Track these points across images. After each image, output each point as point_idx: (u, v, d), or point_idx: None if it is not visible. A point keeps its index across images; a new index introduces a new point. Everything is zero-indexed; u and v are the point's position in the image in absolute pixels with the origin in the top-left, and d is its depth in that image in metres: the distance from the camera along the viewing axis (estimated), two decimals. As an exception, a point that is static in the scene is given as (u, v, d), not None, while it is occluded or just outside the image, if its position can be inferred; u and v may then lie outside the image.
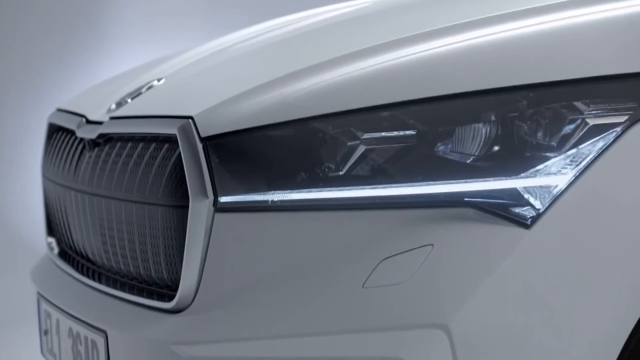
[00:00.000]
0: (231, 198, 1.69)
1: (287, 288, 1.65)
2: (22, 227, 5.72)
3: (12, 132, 5.98)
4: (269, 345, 1.63)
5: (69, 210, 2.14)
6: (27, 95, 5.88)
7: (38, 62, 5.94)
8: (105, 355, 1.86)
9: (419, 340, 1.56)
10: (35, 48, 5.93)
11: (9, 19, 5.93)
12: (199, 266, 1.71)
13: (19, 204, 5.84)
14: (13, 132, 5.98)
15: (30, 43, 5.92)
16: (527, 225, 1.58)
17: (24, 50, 5.93)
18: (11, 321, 4.67)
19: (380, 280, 1.60)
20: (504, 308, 1.57)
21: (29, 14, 5.94)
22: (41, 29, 5.95)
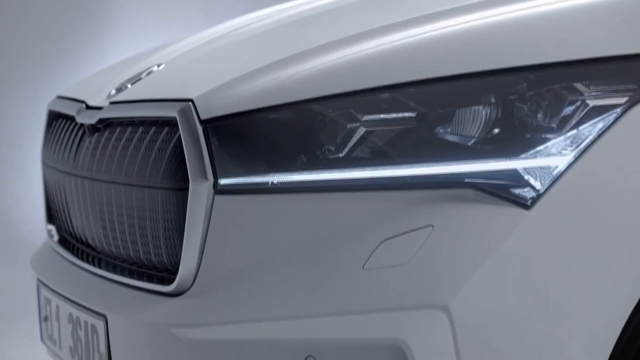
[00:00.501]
0: (231, 180, 1.69)
1: (287, 270, 1.65)
2: (22, 225, 5.73)
3: (11, 128, 5.98)
4: (268, 327, 1.62)
5: (69, 196, 2.14)
6: (27, 91, 5.88)
7: (38, 57, 5.94)
8: (105, 339, 1.86)
9: (420, 321, 1.56)
10: (35, 41, 5.93)
11: (8, 18, 5.93)
12: (198, 249, 1.71)
13: (19, 201, 5.85)
14: (12, 128, 5.98)
15: (30, 36, 5.91)
16: (527, 206, 1.58)
17: (23, 45, 5.94)
18: (11, 314, 4.68)
19: (381, 262, 1.60)
20: (504, 289, 1.57)
21: (29, 11, 5.94)
22: (41, 21, 5.95)
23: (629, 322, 1.63)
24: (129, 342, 1.81)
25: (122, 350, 1.82)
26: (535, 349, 1.58)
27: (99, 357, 1.89)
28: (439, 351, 1.56)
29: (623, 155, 1.62)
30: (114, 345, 1.84)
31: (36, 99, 5.76)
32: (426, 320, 1.56)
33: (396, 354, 1.56)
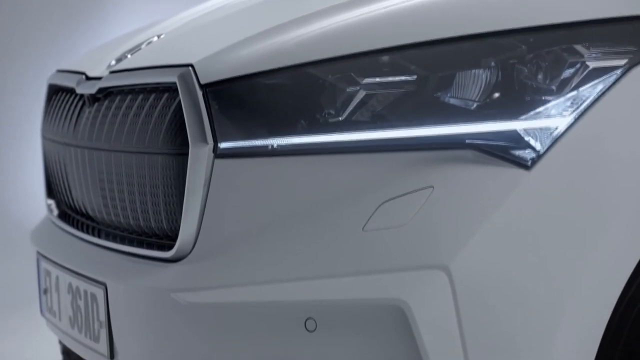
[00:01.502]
0: (231, 144, 1.69)
1: (286, 233, 1.65)
2: (23, 218, 5.72)
3: (11, 122, 5.98)
4: (269, 290, 1.62)
5: (69, 168, 2.14)
6: (27, 84, 5.88)
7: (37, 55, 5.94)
8: (105, 307, 1.85)
9: (420, 281, 1.56)
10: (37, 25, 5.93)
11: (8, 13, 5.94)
12: (198, 213, 1.71)
13: (19, 193, 5.84)
14: (12, 122, 5.98)
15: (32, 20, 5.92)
16: (527, 167, 1.58)
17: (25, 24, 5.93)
18: (10, 305, 4.69)
19: (381, 223, 1.60)
20: (504, 250, 1.57)
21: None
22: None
23: (629, 284, 1.64)
24: (129, 309, 1.81)
25: (122, 318, 1.82)
26: (535, 312, 1.58)
27: (99, 325, 1.89)
28: (439, 311, 1.56)
29: (623, 116, 1.62)
30: (114, 313, 1.83)
31: (37, 86, 5.77)
32: (426, 281, 1.56)
33: (396, 314, 1.56)
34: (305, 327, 1.61)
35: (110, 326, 1.85)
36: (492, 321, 1.57)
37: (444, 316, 1.56)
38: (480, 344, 1.56)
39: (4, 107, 6.03)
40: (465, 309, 1.56)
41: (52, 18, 5.98)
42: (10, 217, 5.81)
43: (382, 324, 1.58)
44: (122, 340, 1.83)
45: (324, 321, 1.60)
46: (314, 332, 1.61)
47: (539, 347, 1.58)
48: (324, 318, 1.60)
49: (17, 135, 5.94)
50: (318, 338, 1.61)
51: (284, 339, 1.62)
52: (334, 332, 1.60)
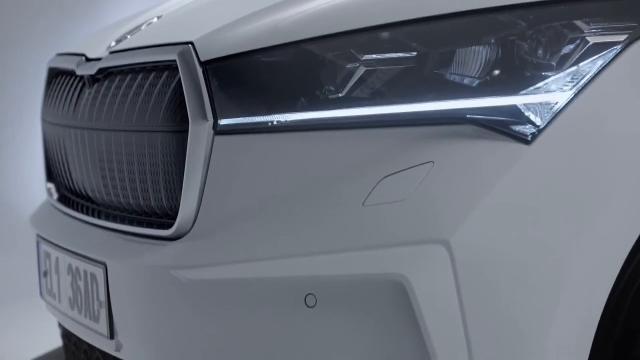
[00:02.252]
0: (231, 120, 1.69)
1: (286, 209, 1.65)
2: (22, 210, 5.72)
3: (11, 113, 5.97)
4: (269, 266, 1.62)
5: (69, 149, 2.13)
6: (28, 75, 5.88)
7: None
8: (104, 287, 1.85)
9: (420, 256, 1.56)
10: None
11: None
12: (198, 190, 1.71)
13: (18, 186, 5.84)
14: (12, 112, 5.97)
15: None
16: (528, 141, 1.58)
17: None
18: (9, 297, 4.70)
19: (381, 198, 1.59)
20: (504, 223, 1.57)
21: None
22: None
23: (629, 260, 1.64)
24: (129, 287, 1.80)
25: (121, 297, 1.82)
26: (534, 288, 1.58)
27: (99, 305, 1.89)
28: (439, 286, 1.55)
29: (622, 91, 1.62)
30: (114, 292, 1.83)
31: (38, 77, 5.76)
32: (426, 256, 1.56)
33: (396, 289, 1.56)
34: (305, 303, 1.61)
35: (110, 306, 1.85)
36: (492, 296, 1.57)
37: (444, 291, 1.56)
38: (480, 319, 1.56)
39: (4, 103, 6.03)
40: (465, 284, 1.56)
41: (47, 14, 5.98)
42: (10, 209, 5.81)
43: (382, 299, 1.58)
44: (122, 320, 1.83)
45: (323, 297, 1.60)
46: (313, 308, 1.60)
47: (539, 323, 1.58)
48: (323, 294, 1.60)
49: (16, 126, 5.94)
50: (318, 314, 1.60)
51: (284, 315, 1.62)
52: (333, 308, 1.60)
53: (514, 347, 1.57)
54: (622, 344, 1.66)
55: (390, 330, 1.58)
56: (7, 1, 5.96)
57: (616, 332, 1.65)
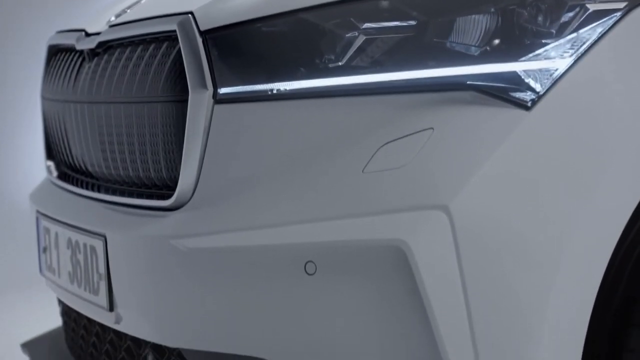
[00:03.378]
0: (230, 89, 1.69)
1: (286, 176, 1.65)
2: (21, 202, 5.72)
3: (10, 105, 5.97)
4: (268, 234, 1.62)
5: (69, 125, 2.13)
6: (29, 64, 5.88)
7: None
8: (104, 259, 1.85)
9: (420, 222, 1.56)
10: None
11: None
12: (198, 159, 1.71)
13: (19, 177, 5.85)
14: (11, 104, 5.97)
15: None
16: (527, 107, 1.58)
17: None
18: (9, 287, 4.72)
19: (381, 165, 1.59)
20: (503, 190, 1.57)
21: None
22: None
23: (628, 228, 1.64)
24: (128, 259, 1.80)
25: (121, 269, 1.82)
26: (533, 255, 1.57)
27: (98, 277, 1.89)
28: (439, 252, 1.55)
29: (622, 58, 1.62)
30: (113, 264, 1.83)
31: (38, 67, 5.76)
32: (426, 221, 1.56)
33: (396, 255, 1.56)
34: (305, 270, 1.61)
35: (110, 278, 1.85)
36: (492, 264, 1.57)
37: (443, 257, 1.55)
38: (479, 286, 1.56)
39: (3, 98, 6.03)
40: (465, 251, 1.55)
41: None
42: (9, 201, 5.81)
43: (381, 265, 1.57)
44: (121, 292, 1.83)
45: (323, 264, 1.60)
46: (313, 275, 1.60)
47: (538, 291, 1.57)
48: (323, 261, 1.60)
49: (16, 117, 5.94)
50: (318, 281, 1.60)
51: (283, 283, 1.62)
52: (333, 275, 1.60)
53: (513, 315, 1.57)
54: (622, 311, 1.66)
55: (390, 296, 1.58)
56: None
57: (616, 299, 1.65)
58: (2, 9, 5.97)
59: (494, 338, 1.57)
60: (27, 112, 5.81)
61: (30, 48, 5.90)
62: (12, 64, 5.98)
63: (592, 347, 1.63)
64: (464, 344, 1.57)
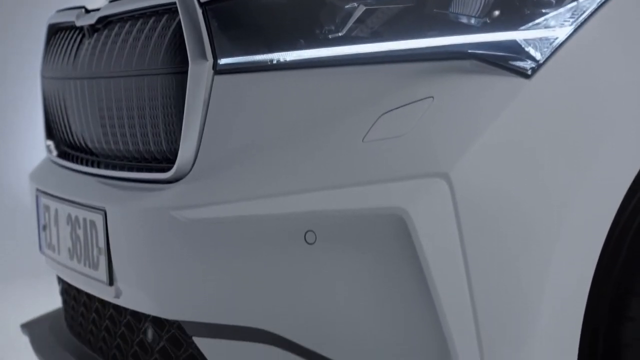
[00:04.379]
0: (230, 60, 1.69)
1: (286, 147, 1.65)
2: (22, 194, 5.72)
3: (9, 96, 5.97)
4: (269, 203, 1.62)
5: (69, 102, 2.13)
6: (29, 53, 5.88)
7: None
8: (104, 233, 1.85)
9: (420, 190, 1.56)
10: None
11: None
12: (198, 131, 1.71)
13: (18, 167, 5.84)
14: (11, 95, 5.97)
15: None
16: (528, 75, 1.58)
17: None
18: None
19: (381, 134, 1.59)
20: (503, 158, 1.57)
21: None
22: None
23: (629, 197, 1.63)
24: (128, 232, 1.80)
25: (121, 242, 1.82)
26: (533, 223, 1.57)
27: (98, 252, 1.89)
28: (439, 220, 1.55)
29: (622, 27, 1.62)
30: (113, 237, 1.83)
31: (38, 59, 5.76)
32: (426, 189, 1.55)
33: (396, 223, 1.56)
34: (305, 240, 1.60)
35: (110, 252, 1.84)
36: (492, 232, 1.56)
37: (443, 226, 1.55)
38: (479, 254, 1.56)
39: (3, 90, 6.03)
40: (465, 219, 1.55)
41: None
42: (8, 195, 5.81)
43: (382, 234, 1.57)
44: (121, 265, 1.83)
45: (323, 233, 1.60)
46: (313, 245, 1.60)
47: (537, 260, 1.57)
48: (323, 230, 1.59)
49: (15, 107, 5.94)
50: (317, 250, 1.60)
51: (283, 253, 1.62)
52: (333, 244, 1.60)
53: (513, 283, 1.57)
54: (622, 280, 1.65)
55: (390, 265, 1.58)
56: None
57: (616, 269, 1.65)
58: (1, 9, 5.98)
59: (494, 306, 1.57)
60: (28, 110, 5.81)
61: (27, 46, 5.91)
62: (10, 57, 5.98)
63: (592, 317, 1.63)
64: (464, 312, 1.56)
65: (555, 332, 1.59)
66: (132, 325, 1.94)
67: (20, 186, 5.69)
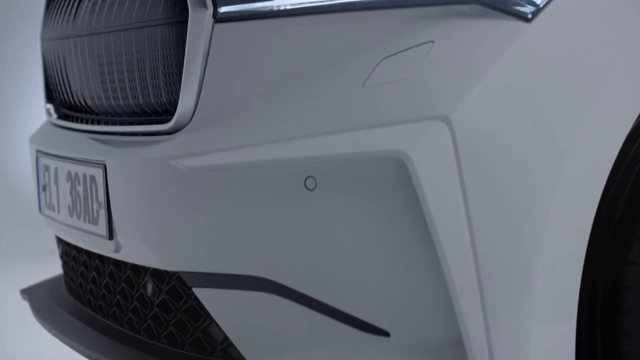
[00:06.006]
0: (230, 8, 1.69)
1: (286, 93, 1.64)
2: (24, 180, 5.73)
3: (9, 86, 5.98)
4: (269, 149, 1.62)
5: (69, 61, 2.13)
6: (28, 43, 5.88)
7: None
8: (103, 187, 1.85)
9: (421, 133, 1.56)
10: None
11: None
12: (198, 80, 1.70)
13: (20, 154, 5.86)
14: (10, 85, 5.98)
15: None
16: (528, 19, 1.58)
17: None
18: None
19: (381, 79, 1.59)
20: (503, 101, 1.57)
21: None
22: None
23: (630, 142, 1.63)
24: (128, 184, 1.80)
25: (120, 195, 1.81)
26: (533, 168, 1.57)
27: (98, 206, 1.88)
28: (440, 163, 1.55)
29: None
30: (113, 190, 1.83)
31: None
32: (427, 132, 1.55)
33: (397, 167, 1.56)
34: (305, 185, 1.60)
35: (109, 205, 1.84)
36: (492, 175, 1.56)
37: (444, 168, 1.55)
38: (480, 198, 1.56)
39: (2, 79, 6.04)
40: (465, 162, 1.55)
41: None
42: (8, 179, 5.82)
43: (382, 178, 1.57)
44: (120, 218, 1.82)
45: (323, 179, 1.59)
46: (313, 191, 1.60)
47: (538, 203, 1.57)
48: (323, 176, 1.59)
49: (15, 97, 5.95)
50: (318, 196, 1.60)
51: (284, 199, 1.61)
52: (333, 189, 1.59)
53: (513, 226, 1.57)
54: (623, 224, 1.65)
55: (390, 209, 1.58)
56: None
57: (618, 212, 1.64)
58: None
59: (495, 250, 1.57)
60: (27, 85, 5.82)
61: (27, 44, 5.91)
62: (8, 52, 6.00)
63: (593, 260, 1.63)
64: (465, 257, 1.56)
65: (556, 271, 1.59)
66: (132, 280, 1.93)
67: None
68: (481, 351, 1.57)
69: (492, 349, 1.57)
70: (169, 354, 1.83)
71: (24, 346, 3.54)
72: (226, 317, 1.72)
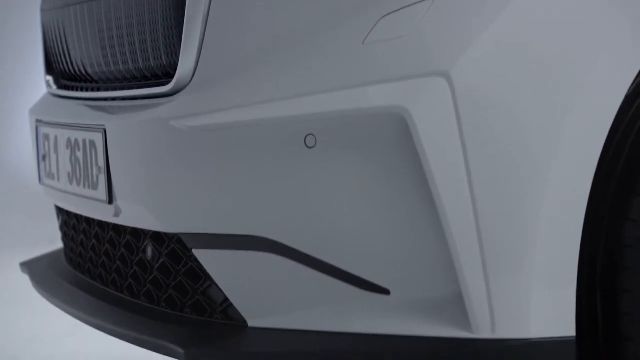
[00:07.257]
0: None
1: (286, 52, 1.64)
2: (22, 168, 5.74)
3: (9, 75, 5.98)
4: (269, 108, 1.62)
5: (68, 30, 2.12)
6: (27, 40, 5.88)
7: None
8: (103, 151, 1.84)
9: (421, 88, 1.55)
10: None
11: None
12: (198, 41, 1.70)
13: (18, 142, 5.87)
14: (10, 75, 5.99)
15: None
16: None
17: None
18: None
19: (381, 36, 1.59)
20: (503, 57, 1.56)
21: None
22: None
23: (630, 101, 1.63)
24: (128, 147, 1.80)
25: (120, 158, 1.81)
26: (532, 128, 1.57)
27: (97, 171, 1.88)
28: (440, 119, 1.55)
29: None
30: (112, 154, 1.82)
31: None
32: (427, 88, 1.55)
33: (397, 123, 1.56)
34: (305, 143, 1.60)
35: (109, 169, 1.84)
36: (492, 131, 1.56)
37: (445, 124, 1.55)
38: (480, 154, 1.56)
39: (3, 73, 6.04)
40: (466, 118, 1.55)
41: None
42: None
43: (382, 134, 1.57)
44: (120, 182, 1.82)
45: (323, 137, 1.59)
46: (313, 149, 1.60)
47: (538, 162, 1.57)
48: (323, 133, 1.59)
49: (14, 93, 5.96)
50: (318, 154, 1.60)
51: (283, 157, 1.61)
52: (334, 147, 1.59)
53: (514, 181, 1.56)
54: (624, 181, 1.65)
55: (390, 166, 1.58)
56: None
57: (618, 169, 1.64)
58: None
59: (495, 206, 1.56)
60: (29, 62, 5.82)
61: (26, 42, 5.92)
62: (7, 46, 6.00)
63: (594, 218, 1.62)
64: (466, 214, 1.56)
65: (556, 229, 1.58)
66: (132, 244, 1.93)
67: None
68: (481, 307, 1.57)
69: (492, 305, 1.57)
70: (168, 317, 1.83)
71: (24, 331, 3.54)
72: (226, 278, 1.72)
